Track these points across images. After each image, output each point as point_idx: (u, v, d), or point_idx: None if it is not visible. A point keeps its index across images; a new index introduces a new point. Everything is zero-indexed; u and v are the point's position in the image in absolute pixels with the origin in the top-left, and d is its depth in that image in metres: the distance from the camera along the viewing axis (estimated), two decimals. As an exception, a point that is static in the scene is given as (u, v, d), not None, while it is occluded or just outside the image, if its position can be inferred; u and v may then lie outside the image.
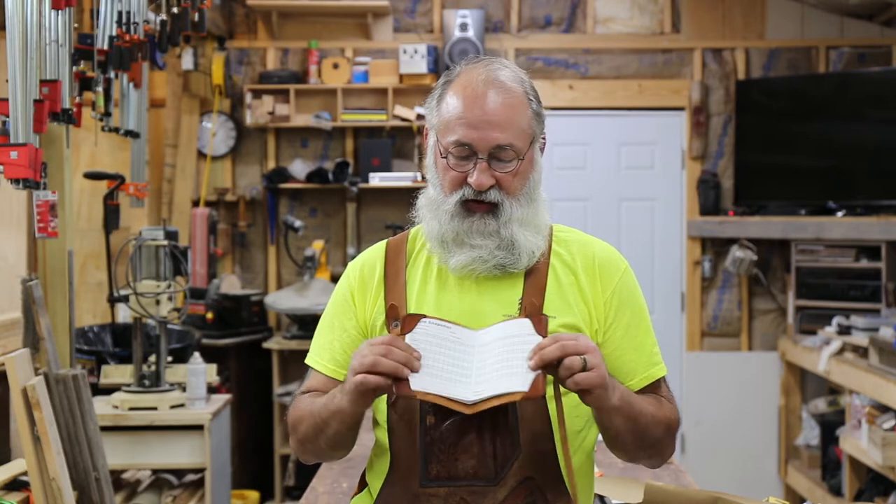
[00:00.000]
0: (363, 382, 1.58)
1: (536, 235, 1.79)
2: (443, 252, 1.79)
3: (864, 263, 5.44)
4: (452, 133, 1.75)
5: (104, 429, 3.53)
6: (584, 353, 1.56)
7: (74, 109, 3.16)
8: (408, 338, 1.63)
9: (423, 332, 1.65)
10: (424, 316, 1.68)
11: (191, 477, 4.08)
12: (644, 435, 1.72)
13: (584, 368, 1.56)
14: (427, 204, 1.82)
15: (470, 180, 1.74)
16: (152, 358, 3.91)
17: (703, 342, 6.07)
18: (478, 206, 1.75)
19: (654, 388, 1.81)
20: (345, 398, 1.65)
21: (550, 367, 1.56)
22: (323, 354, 1.86)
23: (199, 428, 3.79)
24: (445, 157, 1.76)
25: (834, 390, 5.63)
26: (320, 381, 1.85)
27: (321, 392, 1.81)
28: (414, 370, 1.58)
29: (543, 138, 1.83)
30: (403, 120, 5.85)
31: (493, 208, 1.75)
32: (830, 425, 5.22)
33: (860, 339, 4.78)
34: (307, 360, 1.89)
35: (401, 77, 5.88)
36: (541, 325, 1.64)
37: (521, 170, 1.76)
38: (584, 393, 1.58)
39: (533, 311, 1.75)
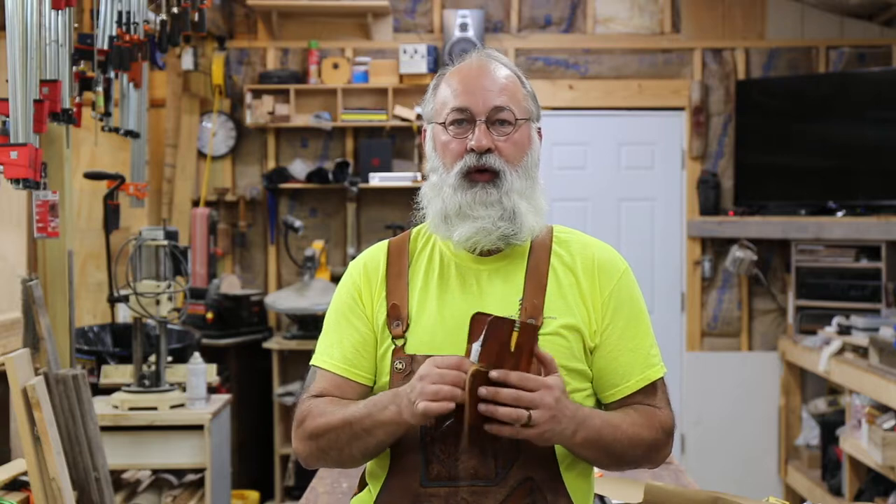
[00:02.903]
0: (440, 410, 1.57)
1: (536, 214, 1.80)
2: (446, 228, 1.79)
3: (864, 263, 5.44)
4: (450, 104, 1.78)
5: (104, 429, 3.53)
6: (533, 408, 1.57)
7: (74, 109, 3.15)
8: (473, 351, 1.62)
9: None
10: (489, 315, 1.63)
11: (191, 477, 4.08)
12: (621, 459, 1.74)
13: (528, 423, 1.57)
14: (430, 189, 1.83)
15: (470, 143, 1.75)
16: (152, 358, 3.91)
17: (703, 342, 6.07)
18: (479, 176, 1.76)
19: (650, 390, 1.81)
20: (405, 413, 1.63)
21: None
22: (332, 353, 1.83)
23: (199, 428, 3.79)
24: (445, 126, 1.78)
25: (834, 390, 5.63)
26: (331, 382, 1.81)
27: (334, 395, 1.79)
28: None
29: (540, 127, 1.86)
30: (403, 120, 5.85)
31: (494, 178, 1.76)
32: (830, 425, 5.22)
33: (860, 339, 4.78)
34: (315, 362, 1.85)
35: (401, 77, 5.88)
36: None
37: (518, 138, 1.78)
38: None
39: (533, 311, 1.76)
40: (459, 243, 1.78)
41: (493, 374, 1.57)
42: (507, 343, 1.60)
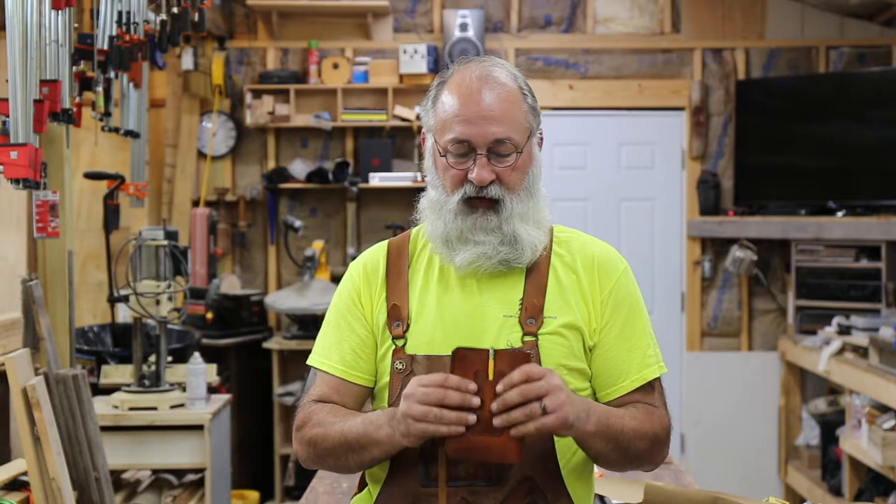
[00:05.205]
0: (434, 433, 1.57)
1: (538, 230, 1.80)
2: (447, 251, 1.79)
3: (864, 263, 5.44)
4: (450, 131, 1.75)
5: (104, 429, 3.53)
6: (544, 395, 1.56)
7: (74, 109, 3.16)
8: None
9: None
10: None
11: (191, 477, 4.08)
12: (627, 451, 1.73)
13: (544, 412, 1.56)
14: (429, 206, 1.82)
15: (471, 176, 1.74)
16: (152, 358, 3.91)
17: (703, 342, 6.07)
18: (479, 203, 1.76)
19: (647, 389, 1.81)
20: (397, 434, 1.62)
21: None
22: (331, 356, 1.83)
23: (199, 428, 3.79)
24: (444, 156, 1.77)
25: (834, 390, 5.63)
26: (330, 385, 1.82)
27: (334, 400, 1.79)
28: (473, 406, 1.57)
29: (541, 133, 1.84)
30: (403, 120, 5.85)
31: (494, 204, 1.76)
32: (830, 425, 5.22)
33: (860, 339, 4.78)
34: (312, 362, 1.86)
35: (401, 77, 5.88)
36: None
37: (520, 164, 1.77)
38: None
39: (533, 310, 1.76)
40: (461, 268, 1.77)
41: (499, 387, 1.57)
42: (483, 371, 1.60)
